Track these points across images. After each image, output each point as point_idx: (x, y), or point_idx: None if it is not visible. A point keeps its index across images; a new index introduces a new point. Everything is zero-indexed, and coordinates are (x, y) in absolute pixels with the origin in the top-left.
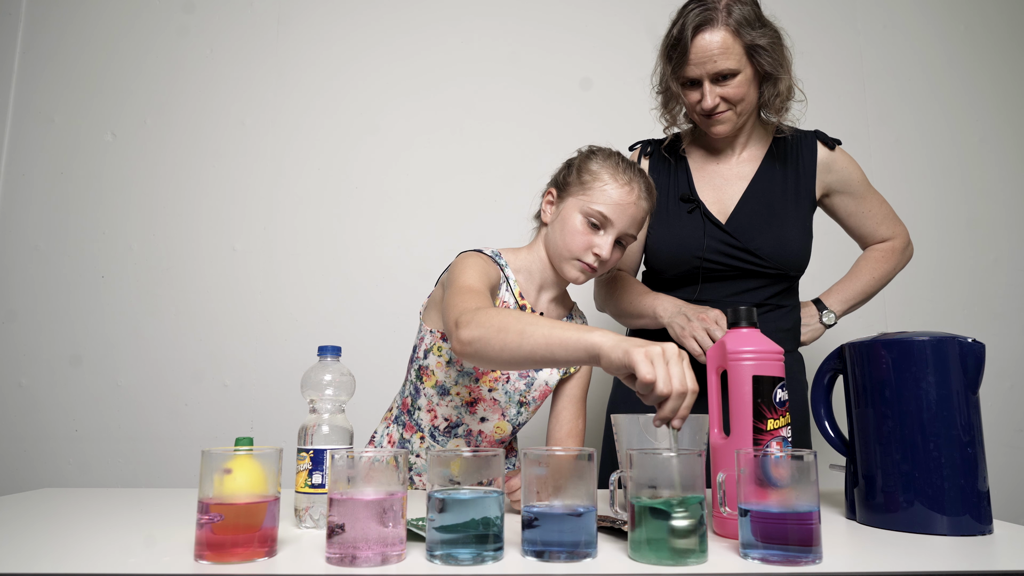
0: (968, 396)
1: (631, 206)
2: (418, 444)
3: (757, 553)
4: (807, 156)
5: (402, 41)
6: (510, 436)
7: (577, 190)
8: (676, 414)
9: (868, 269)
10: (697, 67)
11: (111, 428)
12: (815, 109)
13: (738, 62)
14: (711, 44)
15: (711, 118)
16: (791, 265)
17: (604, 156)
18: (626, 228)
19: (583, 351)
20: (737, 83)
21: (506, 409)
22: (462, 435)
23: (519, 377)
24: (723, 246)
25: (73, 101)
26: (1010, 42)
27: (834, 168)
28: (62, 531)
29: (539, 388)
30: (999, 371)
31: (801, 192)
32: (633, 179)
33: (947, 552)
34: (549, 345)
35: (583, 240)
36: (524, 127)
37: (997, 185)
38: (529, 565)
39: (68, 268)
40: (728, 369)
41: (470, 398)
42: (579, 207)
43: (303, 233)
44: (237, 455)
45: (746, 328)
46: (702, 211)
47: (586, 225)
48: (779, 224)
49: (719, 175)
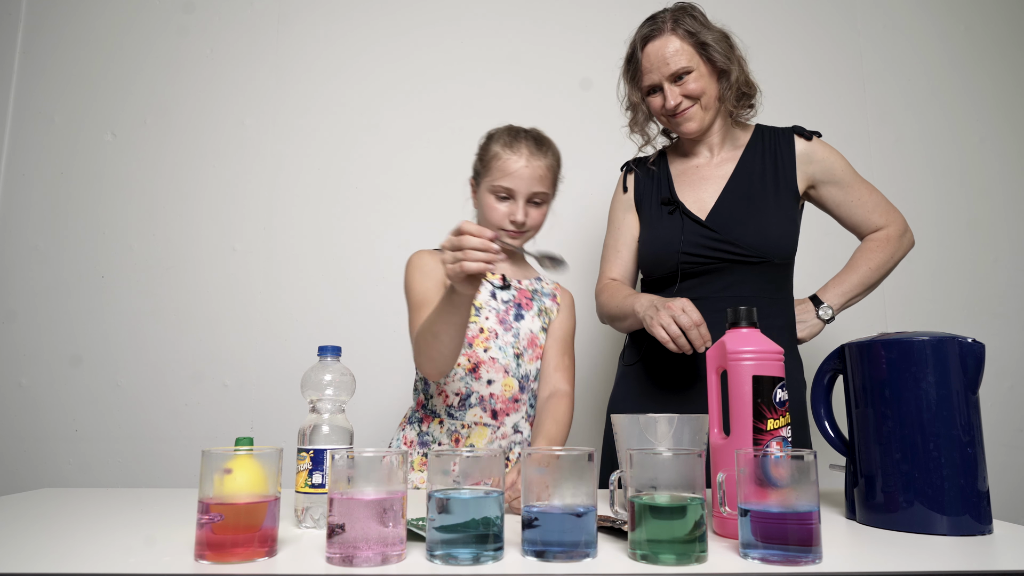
0: (968, 396)
1: (525, 169)
2: (438, 430)
3: (757, 553)
4: (785, 150)
5: (402, 41)
6: (521, 393)
7: (483, 174)
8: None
9: (864, 259)
10: (654, 72)
11: (111, 428)
12: (815, 109)
13: (690, 60)
14: (662, 49)
15: (677, 117)
16: (774, 252)
17: (496, 136)
18: (530, 188)
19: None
20: (694, 78)
21: (507, 365)
22: (476, 404)
23: (504, 331)
24: (703, 240)
25: (73, 101)
26: (1010, 42)
27: (814, 158)
28: (62, 531)
29: (526, 337)
30: (999, 371)
31: (781, 184)
32: (520, 146)
33: (947, 552)
34: (443, 322)
35: (499, 213)
36: (524, 125)
37: (997, 185)
38: (529, 565)
39: (68, 268)
40: (728, 369)
41: (471, 365)
42: (487, 187)
43: (303, 233)
44: (237, 455)
45: (746, 328)
46: (682, 210)
47: (497, 200)
48: (759, 213)
49: (698, 176)
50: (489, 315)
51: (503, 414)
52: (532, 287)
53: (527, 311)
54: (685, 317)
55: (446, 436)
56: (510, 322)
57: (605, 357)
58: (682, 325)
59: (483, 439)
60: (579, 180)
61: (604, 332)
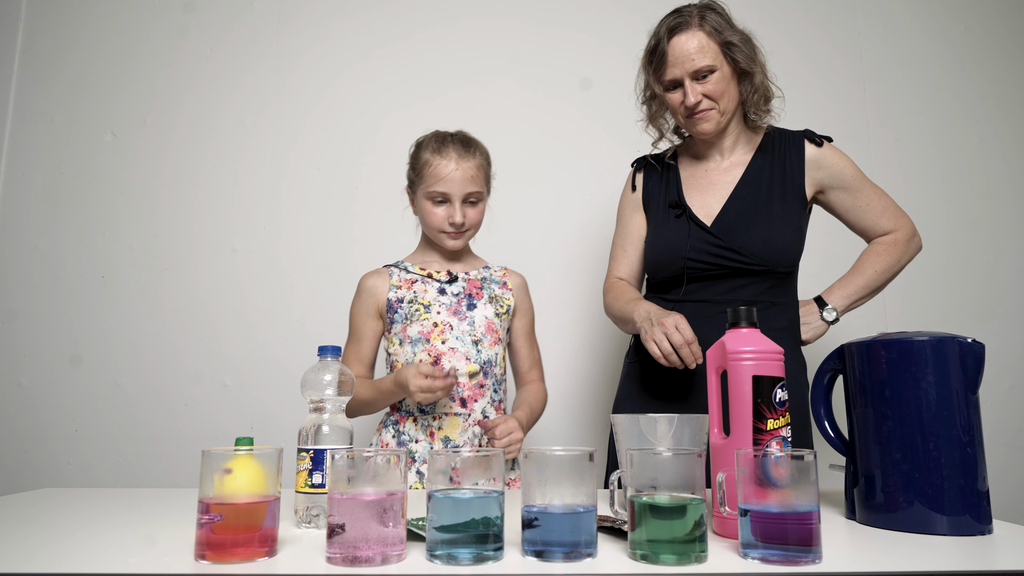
0: (968, 396)
1: (455, 172)
2: (412, 427)
3: (757, 553)
4: (795, 155)
5: (402, 41)
6: (485, 378)
7: (417, 182)
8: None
9: (870, 263)
10: (677, 67)
11: (111, 428)
12: (815, 109)
13: (714, 59)
14: (688, 44)
15: (695, 116)
16: (777, 261)
17: (424, 144)
18: (464, 189)
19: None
20: (716, 79)
21: (467, 352)
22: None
23: (459, 321)
24: (709, 247)
25: (73, 101)
26: (1010, 42)
27: (824, 164)
28: (62, 531)
29: (482, 324)
30: (999, 371)
31: (789, 190)
32: (448, 150)
33: (947, 552)
34: (383, 403)
35: (437, 217)
36: (524, 126)
37: (997, 185)
38: (529, 565)
39: (68, 268)
40: (728, 369)
41: (432, 359)
42: (423, 194)
43: (303, 233)
44: (237, 455)
45: (746, 328)
46: (688, 215)
47: (434, 204)
48: (764, 222)
49: (707, 180)
50: (440, 310)
51: (471, 401)
52: (480, 275)
53: (478, 300)
54: (678, 335)
55: (421, 432)
56: (463, 312)
57: (610, 356)
58: (674, 343)
59: (456, 428)
60: (580, 179)
61: (610, 331)
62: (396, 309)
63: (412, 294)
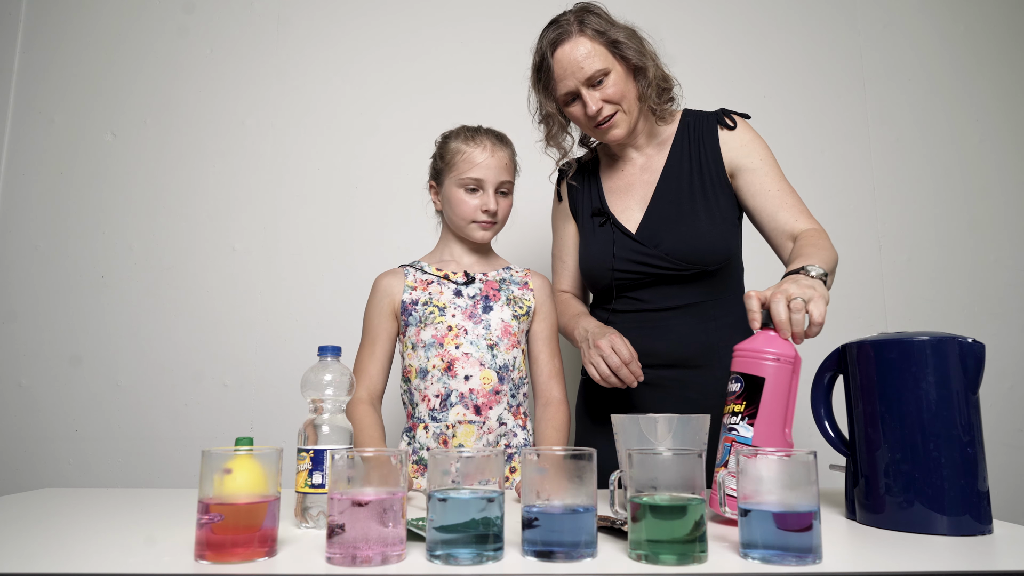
0: (968, 396)
1: (491, 158)
2: (424, 435)
3: (757, 553)
4: (709, 140)
5: (403, 41)
6: (501, 384)
7: (447, 172)
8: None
9: (811, 246)
10: (569, 79)
11: (111, 428)
12: (815, 109)
13: (604, 61)
14: (574, 53)
15: (601, 126)
16: (707, 260)
17: (453, 134)
18: (498, 177)
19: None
20: (613, 81)
21: (482, 358)
22: (457, 402)
23: (474, 324)
24: (635, 255)
25: (73, 101)
26: (1010, 42)
27: (732, 144)
28: (62, 531)
29: (498, 327)
30: (999, 371)
31: (709, 182)
32: (481, 138)
33: (947, 552)
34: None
35: (469, 206)
36: (524, 126)
37: (997, 185)
38: (529, 565)
39: (68, 268)
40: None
41: (445, 364)
42: (455, 183)
43: (303, 233)
44: (237, 455)
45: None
46: (612, 222)
47: (467, 193)
48: (688, 222)
49: (626, 182)
50: (455, 312)
51: (486, 408)
52: (499, 277)
53: (495, 302)
54: (614, 357)
55: (433, 440)
56: (479, 315)
57: None
58: (611, 365)
59: (471, 436)
60: None
61: None
62: (411, 311)
63: (427, 296)
